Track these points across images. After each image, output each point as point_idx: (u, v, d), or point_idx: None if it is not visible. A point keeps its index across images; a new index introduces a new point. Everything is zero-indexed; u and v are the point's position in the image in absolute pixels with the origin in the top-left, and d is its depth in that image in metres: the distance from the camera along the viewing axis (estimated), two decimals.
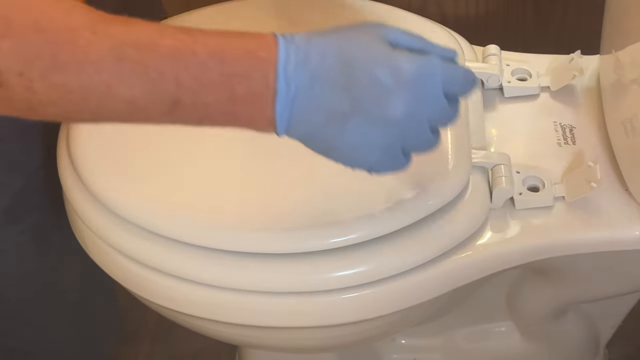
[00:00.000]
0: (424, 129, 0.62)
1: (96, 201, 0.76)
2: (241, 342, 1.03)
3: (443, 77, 0.61)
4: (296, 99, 0.59)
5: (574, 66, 0.87)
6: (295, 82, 0.58)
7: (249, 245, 0.73)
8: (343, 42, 0.60)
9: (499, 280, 0.87)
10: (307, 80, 0.59)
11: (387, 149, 0.62)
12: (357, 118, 0.60)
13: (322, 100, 0.59)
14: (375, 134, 0.61)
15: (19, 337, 1.02)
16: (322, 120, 0.60)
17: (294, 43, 0.59)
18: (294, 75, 0.58)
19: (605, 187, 0.80)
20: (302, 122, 0.60)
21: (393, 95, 0.60)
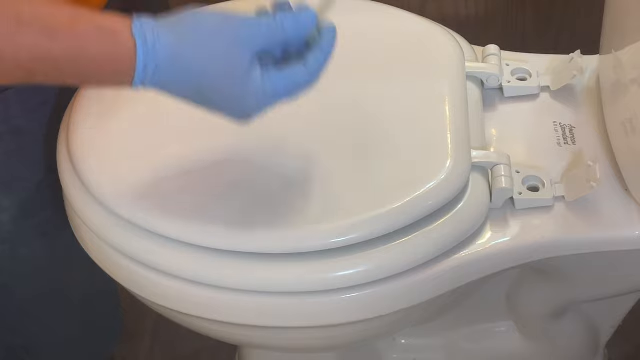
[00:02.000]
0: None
1: (96, 201, 0.76)
2: (241, 342, 1.03)
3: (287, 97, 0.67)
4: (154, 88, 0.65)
5: (574, 66, 0.87)
6: (150, 86, 0.64)
7: (249, 245, 0.73)
8: (203, 75, 0.64)
9: (499, 280, 0.87)
10: (161, 88, 0.64)
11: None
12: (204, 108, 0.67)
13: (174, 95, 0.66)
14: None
15: (25, 334, 1.02)
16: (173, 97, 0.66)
17: (154, 63, 0.62)
18: (149, 82, 0.63)
19: (605, 187, 0.80)
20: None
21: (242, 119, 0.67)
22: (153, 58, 0.62)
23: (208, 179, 0.76)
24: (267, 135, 0.79)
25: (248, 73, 0.64)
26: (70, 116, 0.82)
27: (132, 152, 0.78)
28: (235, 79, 0.64)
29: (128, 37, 0.62)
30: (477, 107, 0.85)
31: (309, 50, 0.67)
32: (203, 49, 0.63)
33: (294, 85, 0.66)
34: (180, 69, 0.63)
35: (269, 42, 0.65)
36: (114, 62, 0.62)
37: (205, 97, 0.65)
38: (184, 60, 0.63)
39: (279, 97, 0.66)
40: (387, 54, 0.86)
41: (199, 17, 0.64)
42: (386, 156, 0.78)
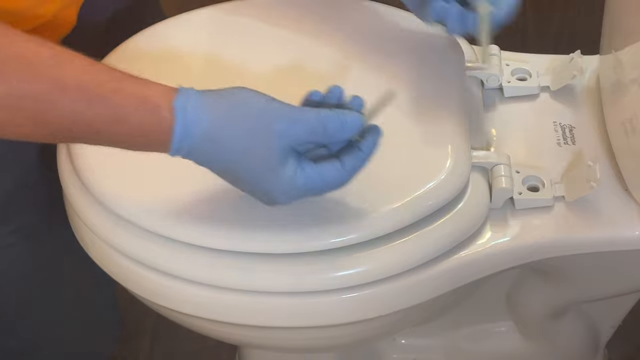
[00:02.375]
0: None
1: (96, 201, 0.76)
2: (241, 342, 1.03)
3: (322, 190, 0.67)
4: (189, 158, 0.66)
5: (574, 66, 0.87)
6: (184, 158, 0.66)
7: (249, 245, 0.73)
8: (236, 162, 0.65)
9: (499, 280, 0.87)
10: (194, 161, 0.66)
11: None
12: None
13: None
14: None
15: (17, 337, 1.01)
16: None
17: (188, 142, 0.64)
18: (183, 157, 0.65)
19: (605, 187, 0.80)
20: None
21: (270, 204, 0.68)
22: (189, 137, 0.63)
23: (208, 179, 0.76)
24: None
25: (282, 166, 0.65)
26: None
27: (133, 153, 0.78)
28: (267, 170, 0.65)
29: (168, 112, 0.63)
30: (477, 107, 0.85)
31: (348, 150, 0.67)
32: (239, 138, 0.64)
33: (325, 183, 0.67)
34: (214, 153, 0.64)
35: (309, 139, 0.65)
36: (151, 135, 0.63)
37: (235, 179, 0.67)
38: (219, 146, 0.64)
39: (310, 192, 0.67)
40: (387, 54, 0.86)
41: (242, 101, 0.65)
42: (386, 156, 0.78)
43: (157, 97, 0.63)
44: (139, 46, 0.87)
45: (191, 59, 0.85)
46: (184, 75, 0.83)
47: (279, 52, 0.87)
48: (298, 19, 0.90)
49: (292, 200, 0.67)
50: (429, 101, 0.82)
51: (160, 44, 0.87)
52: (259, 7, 0.90)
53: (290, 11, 0.91)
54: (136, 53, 0.86)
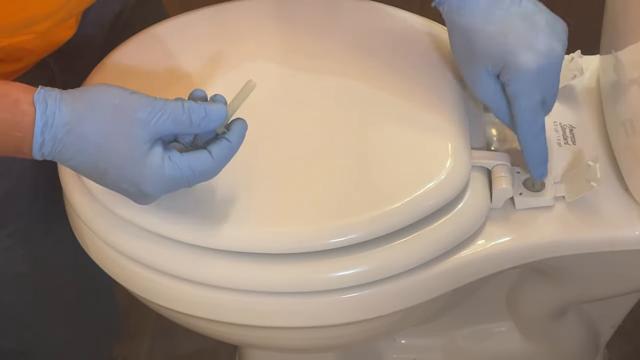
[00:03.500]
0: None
1: (96, 201, 0.76)
2: (241, 342, 1.03)
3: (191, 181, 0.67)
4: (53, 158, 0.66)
5: (574, 66, 0.87)
6: (50, 158, 0.65)
7: (249, 245, 0.73)
8: (100, 148, 0.64)
9: (499, 280, 0.87)
10: (60, 161, 0.66)
11: None
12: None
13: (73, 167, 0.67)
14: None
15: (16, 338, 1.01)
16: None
17: (52, 131, 0.63)
18: (48, 154, 0.65)
19: (605, 187, 0.80)
20: None
21: (137, 199, 0.68)
22: (50, 129, 0.63)
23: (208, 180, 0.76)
24: (267, 136, 0.79)
25: (146, 154, 0.65)
26: None
27: None
28: (132, 159, 0.65)
29: (28, 105, 0.63)
30: (477, 107, 0.85)
31: (216, 141, 0.67)
32: (101, 125, 0.64)
33: (194, 172, 0.67)
34: (77, 142, 0.64)
35: (174, 129, 0.65)
36: (13, 129, 0.63)
37: (102, 173, 0.66)
38: (81, 133, 0.64)
39: (179, 182, 0.67)
40: (387, 54, 0.86)
41: (104, 92, 0.65)
42: (386, 156, 0.78)
43: (16, 92, 0.63)
44: (138, 46, 0.87)
45: (189, 59, 0.85)
46: (182, 75, 0.83)
47: (278, 52, 0.87)
48: (297, 19, 0.90)
49: (161, 191, 0.67)
50: (428, 101, 0.82)
51: (160, 44, 0.87)
52: (260, 6, 0.91)
53: (290, 11, 0.91)
54: (135, 53, 0.86)
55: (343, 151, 0.78)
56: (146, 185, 0.66)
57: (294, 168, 0.77)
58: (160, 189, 0.67)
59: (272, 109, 0.81)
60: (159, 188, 0.67)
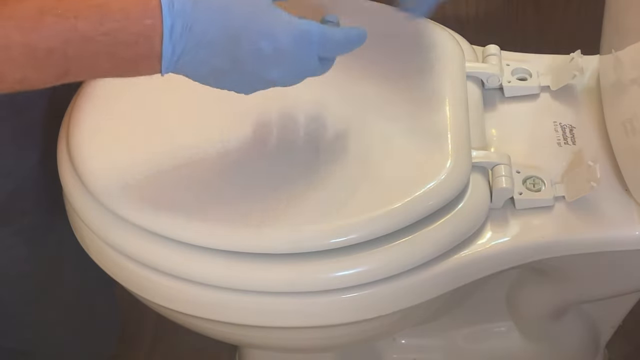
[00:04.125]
0: (295, 81, 0.70)
1: (96, 201, 0.76)
2: (241, 342, 1.03)
3: (319, 43, 0.67)
4: (181, 59, 0.63)
5: (574, 66, 0.87)
6: (181, 47, 0.62)
7: (249, 245, 0.73)
8: (229, 8, 0.63)
9: (499, 280, 0.87)
10: (192, 46, 0.63)
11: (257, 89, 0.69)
12: (236, 75, 0.66)
13: (205, 62, 0.64)
14: (250, 85, 0.68)
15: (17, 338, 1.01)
16: (204, 73, 0.66)
17: (180, 5, 0.62)
18: (179, 41, 0.62)
19: (605, 187, 0.80)
20: (185, 72, 0.65)
21: (272, 64, 0.66)
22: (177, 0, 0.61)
23: (209, 180, 0.76)
24: (268, 136, 0.79)
25: (273, 7, 0.65)
26: (71, 116, 0.82)
27: (133, 153, 0.78)
28: (261, 10, 0.64)
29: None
30: (477, 107, 0.85)
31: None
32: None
33: (323, 32, 0.67)
34: (205, 10, 0.62)
35: None
36: (143, 17, 0.61)
37: (236, 39, 0.64)
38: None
39: (309, 35, 0.67)
40: (387, 54, 0.86)
41: None
42: (386, 156, 0.78)
43: None
44: None
45: None
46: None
47: None
48: None
49: (295, 46, 0.66)
50: (429, 101, 0.82)
51: None
52: None
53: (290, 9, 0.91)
54: None
55: (343, 151, 0.78)
56: (282, 35, 0.65)
57: (294, 168, 0.77)
58: (293, 41, 0.66)
59: (272, 109, 0.81)
60: (293, 39, 0.66)
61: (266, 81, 0.68)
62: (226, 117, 0.79)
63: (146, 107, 0.81)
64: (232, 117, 0.80)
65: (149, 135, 0.79)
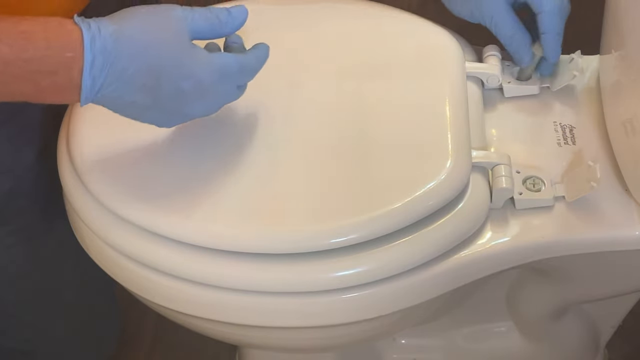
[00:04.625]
0: (214, 110, 0.73)
1: (96, 201, 0.76)
2: (241, 342, 1.03)
3: (238, 74, 0.71)
4: (100, 92, 0.65)
5: (574, 66, 0.87)
6: (100, 81, 0.64)
7: (248, 245, 0.73)
8: (151, 45, 0.65)
9: (499, 280, 0.87)
10: (111, 81, 0.65)
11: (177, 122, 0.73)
12: (156, 111, 0.69)
13: (124, 97, 0.66)
14: (170, 120, 0.72)
15: (16, 337, 1.01)
16: (124, 107, 0.68)
17: (101, 42, 0.64)
18: (99, 75, 0.64)
19: (605, 187, 0.80)
20: (104, 103, 0.68)
21: (193, 101, 0.69)
22: (98, 33, 0.64)
23: (209, 180, 0.76)
24: (268, 136, 0.79)
25: (193, 46, 0.67)
26: (71, 116, 0.82)
27: (133, 152, 0.78)
28: (182, 50, 0.67)
29: (72, 24, 0.64)
30: (477, 107, 0.85)
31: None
32: (145, 25, 0.65)
33: (240, 62, 0.69)
34: (127, 47, 0.64)
35: (206, 27, 0.68)
36: (63, 50, 0.63)
37: (157, 76, 0.66)
38: (129, 37, 0.64)
39: (229, 69, 0.69)
40: (387, 55, 0.86)
41: (134, 8, 0.67)
42: (386, 156, 0.78)
43: (56, 18, 0.64)
44: None
45: None
46: None
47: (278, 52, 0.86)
48: (297, 17, 0.90)
49: (216, 81, 0.68)
50: (429, 101, 0.82)
51: None
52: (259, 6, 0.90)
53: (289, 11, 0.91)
54: None
55: (343, 151, 0.78)
56: (203, 73, 0.67)
57: (294, 168, 0.77)
58: (215, 78, 0.68)
59: (272, 109, 0.81)
60: (214, 77, 0.68)
61: (186, 115, 0.71)
62: (227, 117, 0.79)
63: None
64: (232, 117, 0.80)
65: (149, 136, 0.79)
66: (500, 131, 0.85)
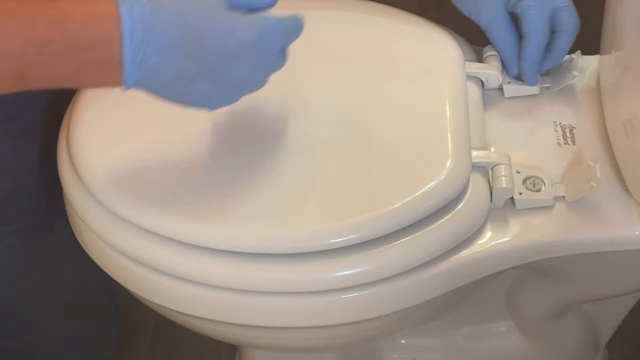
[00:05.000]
0: (261, 80, 0.70)
1: (96, 201, 0.76)
2: (241, 342, 1.03)
3: (280, 35, 0.68)
4: (142, 65, 0.63)
5: (574, 66, 0.87)
6: (142, 52, 0.62)
7: (249, 245, 0.73)
8: (189, 9, 0.63)
9: (499, 280, 0.87)
10: (153, 50, 0.62)
11: (227, 99, 0.70)
12: (202, 79, 0.66)
13: (168, 66, 0.63)
14: (218, 90, 0.68)
15: (16, 337, 1.01)
16: (168, 80, 0.65)
17: (139, 11, 0.61)
18: (139, 46, 0.62)
19: (605, 187, 0.80)
20: (149, 82, 0.65)
21: (237, 62, 0.66)
22: (136, 5, 0.61)
23: (209, 180, 0.76)
24: (268, 136, 0.79)
25: (229, 8, 0.65)
26: (71, 116, 0.82)
27: (133, 153, 0.78)
28: (220, 9, 0.65)
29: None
30: (477, 107, 0.85)
31: None
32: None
33: (280, 24, 0.67)
34: (164, 10, 0.62)
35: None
36: (101, 22, 0.61)
37: (198, 36, 0.64)
38: (165, 1, 0.63)
39: (270, 29, 0.67)
40: (387, 55, 0.86)
41: None
42: (386, 156, 0.78)
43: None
44: None
45: None
46: None
47: None
48: None
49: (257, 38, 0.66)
50: (429, 101, 0.82)
51: None
52: None
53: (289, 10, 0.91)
54: None
55: (343, 151, 0.78)
56: (245, 30, 0.65)
57: (294, 168, 0.77)
58: (255, 34, 0.66)
59: (273, 109, 0.81)
60: (253, 33, 0.66)
61: (235, 85, 0.68)
62: (228, 117, 0.79)
63: (147, 108, 0.81)
64: (233, 118, 0.80)
65: (149, 135, 0.79)
66: (500, 131, 0.85)
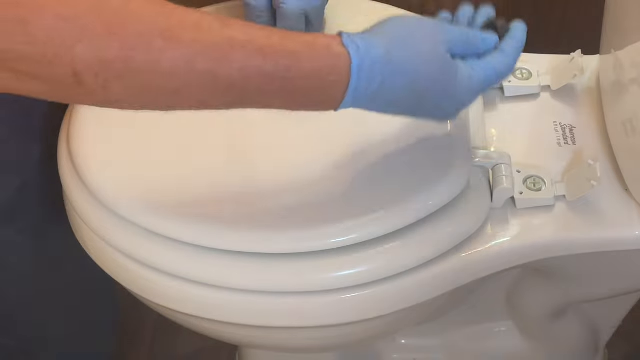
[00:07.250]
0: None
1: (96, 201, 0.76)
2: (241, 342, 1.03)
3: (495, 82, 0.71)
4: (361, 104, 0.66)
5: (574, 66, 0.87)
6: (361, 101, 0.65)
7: (249, 245, 0.73)
8: (418, 69, 0.65)
9: (499, 280, 0.87)
10: (372, 101, 0.65)
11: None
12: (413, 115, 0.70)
13: (384, 106, 0.67)
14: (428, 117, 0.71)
15: (18, 336, 1.02)
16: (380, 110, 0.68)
17: (368, 67, 0.63)
18: (361, 96, 0.64)
19: (605, 187, 0.80)
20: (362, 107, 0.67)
21: (449, 116, 0.71)
22: (367, 57, 0.63)
23: (209, 179, 0.76)
24: (268, 137, 0.79)
25: (456, 68, 0.67)
26: (71, 116, 0.82)
27: (133, 152, 0.78)
28: (447, 74, 0.66)
29: (340, 46, 0.63)
30: (478, 107, 0.85)
31: (502, 41, 0.71)
32: (412, 49, 0.65)
33: (496, 71, 0.69)
34: (395, 67, 0.64)
35: (463, 50, 0.68)
36: (328, 75, 0.62)
37: (419, 97, 0.66)
38: (397, 59, 0.64)
39: (487, 84, 0.69)
40: None
41: (400, 21, 0.67)
42: (386, 156, 0.78)
43: (324, 39, 0.63)
44: None
45: None
46: None
47: None
48: None
49: (474, 96, 0.70)
50: None
51: None
52: None
53: None
54: None
55: (343, 151, 0.78)
56: (463, 94, 0.68)
57: (294, 168, 0.77)
58: (473, 95, 0.70)
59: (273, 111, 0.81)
60: (472, 94, 0.69)
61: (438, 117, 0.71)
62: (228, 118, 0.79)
63: None
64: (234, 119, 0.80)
65: (149, 135, 0.79)
66: (501, 131, 0.85)
